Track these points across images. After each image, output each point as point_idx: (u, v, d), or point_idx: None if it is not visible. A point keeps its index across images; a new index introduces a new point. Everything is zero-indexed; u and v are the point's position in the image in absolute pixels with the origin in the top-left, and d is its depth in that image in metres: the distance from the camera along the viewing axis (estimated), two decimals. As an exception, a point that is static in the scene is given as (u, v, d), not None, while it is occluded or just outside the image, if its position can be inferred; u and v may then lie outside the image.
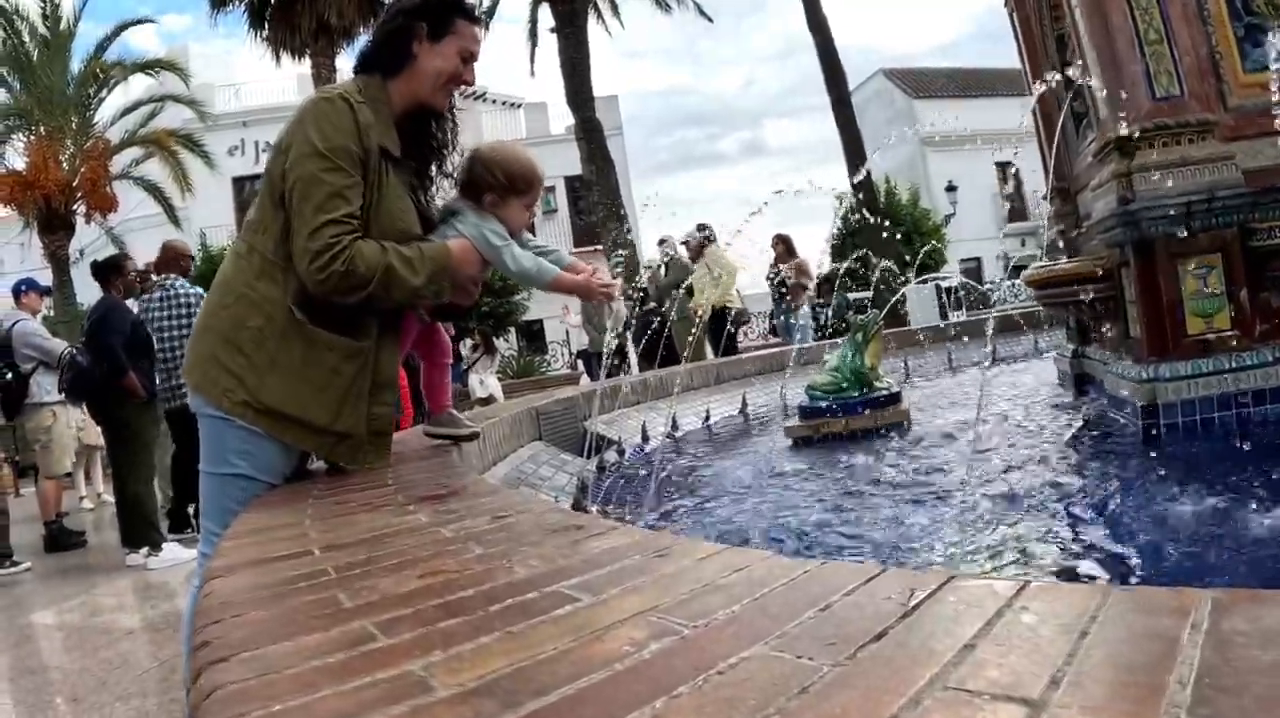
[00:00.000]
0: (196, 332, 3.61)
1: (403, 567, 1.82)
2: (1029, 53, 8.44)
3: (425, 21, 3.55)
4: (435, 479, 3.07)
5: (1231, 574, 3.30)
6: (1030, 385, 9.00)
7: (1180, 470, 4.76)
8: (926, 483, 5.33)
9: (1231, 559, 3.45)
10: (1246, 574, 3.23)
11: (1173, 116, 5.77)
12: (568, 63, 24.51)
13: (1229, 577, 3.29)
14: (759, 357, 11.26)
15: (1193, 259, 5.69)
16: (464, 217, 3.83)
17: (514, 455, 5.71)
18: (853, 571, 1.47)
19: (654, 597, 1.45)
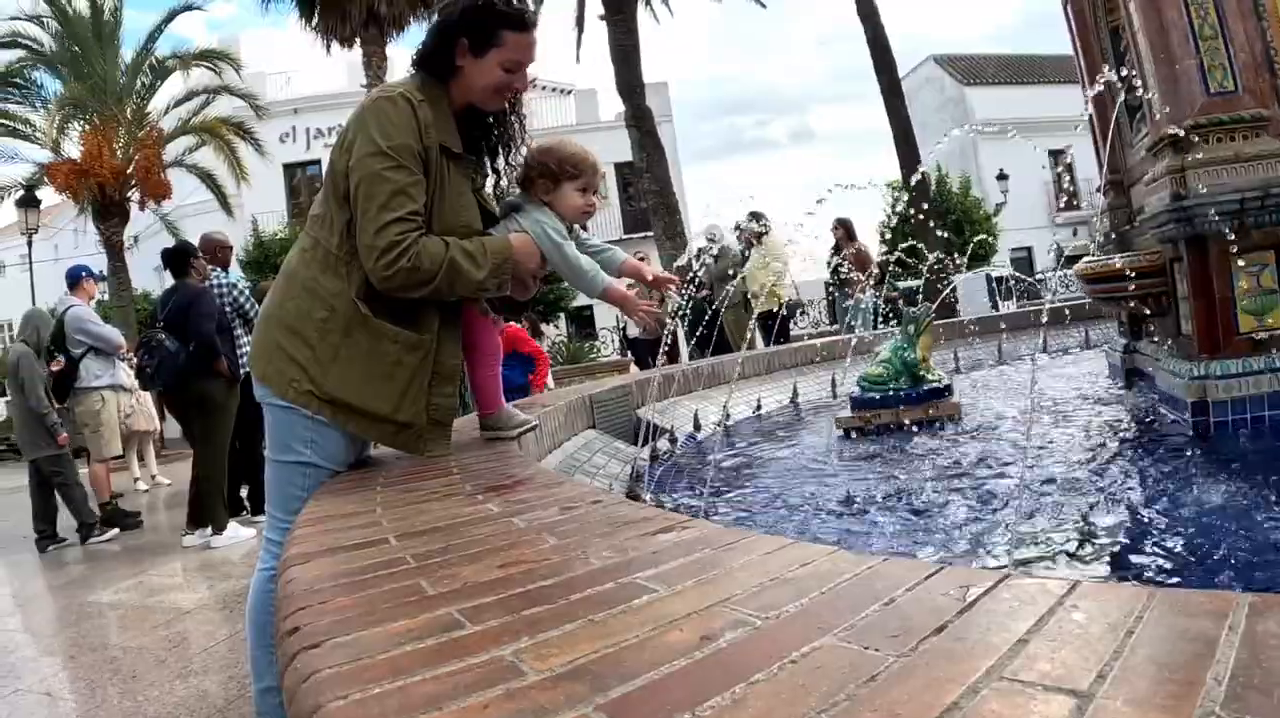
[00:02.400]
0: (261, 322, 3.70)
1: (481, 556, 1.90)
2: (1083, 45, 8.41)
3: (468, 35, 3.60)
4: (500, 469, 3.14)
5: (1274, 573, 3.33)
6: (1081, 379, 8.97)
7: (1229, 469, 4.76)
8: (976, 476, 5.35)
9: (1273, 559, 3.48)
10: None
11: (1227, 112, 5.74)
12: (618, 50, 24.39)
13: (1271, 575, 3.31)
14: (810, 346, 11.26)
15: (1246, 256, 5.67)
16: (525, 212, 3.91)
17: (568, 443, 5.78)
18: (913, 566, 1.54)
19: (726, 589, 1.52)
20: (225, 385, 9.37)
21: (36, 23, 26.65)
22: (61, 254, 39.82)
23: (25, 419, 10.61)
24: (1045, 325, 12.62)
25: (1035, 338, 12.67)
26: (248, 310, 10.15)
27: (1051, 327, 12.59)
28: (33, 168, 27.54)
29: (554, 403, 5.92)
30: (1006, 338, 12.57)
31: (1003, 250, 42.12)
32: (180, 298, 9.39)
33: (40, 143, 27.03)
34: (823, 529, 4.47)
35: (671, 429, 7.44)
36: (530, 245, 3.78)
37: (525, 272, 3.78)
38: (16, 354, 10.70)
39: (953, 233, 36.67)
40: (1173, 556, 3.64)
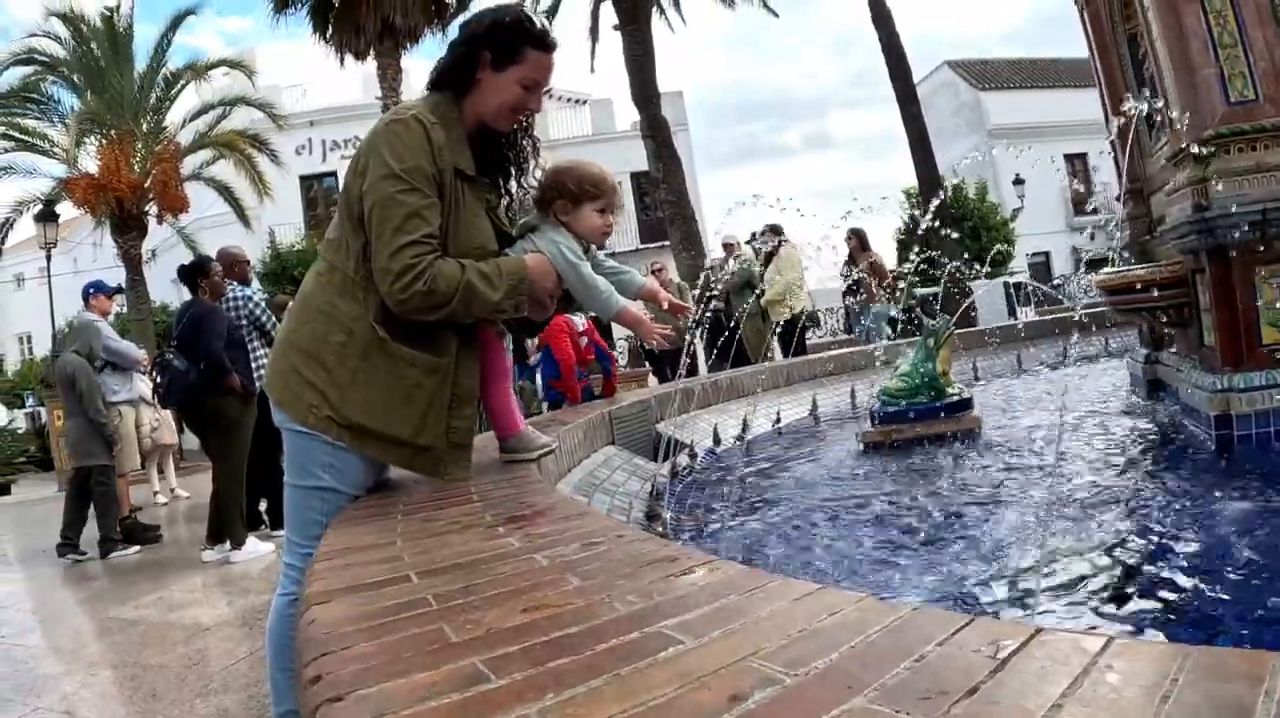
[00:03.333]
0: (279, 347, 3.70)
1: (504, 598, 1.87)
2: (1100, 52, 8.37)
3: (491, 49, 3.61)
4: (520, 498, 3.12)
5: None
6: (1103, 389, 8.94)
7: (1254, 485, 4.73)
8: (998, 497, 5.33)
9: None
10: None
11: (1248, 121, 5.72)
12: (632, 60, 24.44)
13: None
14: (829, 357, 11.24)
15: (1268, 267, 5.64)
16: (541, 232, 3.91)
17: (588, 461, 5.77)
18: (943, 619, 1.51)
19: (753, 641, 1.49)
20: (240, 401, 9.38)
21: (52, 39, 26.80)
22: (80, 267, 40.00)
23: (83, 429, 10.64)
24: (1065, 335, 12.57)
25: (1055, 346, 12.64)
26: (264, 324, 10.18)
27: (1071, 335, 12.55)
28: (51, 182, 27.73)
29: (574, 420, 5.91)
30: (1026, 347, 12.55)
31: (1020, 256, 41.99)
32: (191, 316, 9.42)
33: (58, 157, 27.17)
34: (848, 558, 4.43)
35: (691, 444, 7.43)
36: (546, 265, 3.77)
37: (541, 292, 3.77)
38: (73, 365, 10.72)
39: (970, 239, 36.64)
40: (1199, 577, 3.61)
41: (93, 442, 10.58)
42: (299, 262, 32.80)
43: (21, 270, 45.59)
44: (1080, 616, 3.30)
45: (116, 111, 26.59)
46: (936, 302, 14.99)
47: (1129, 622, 3.22)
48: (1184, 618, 3.22)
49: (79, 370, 10.61)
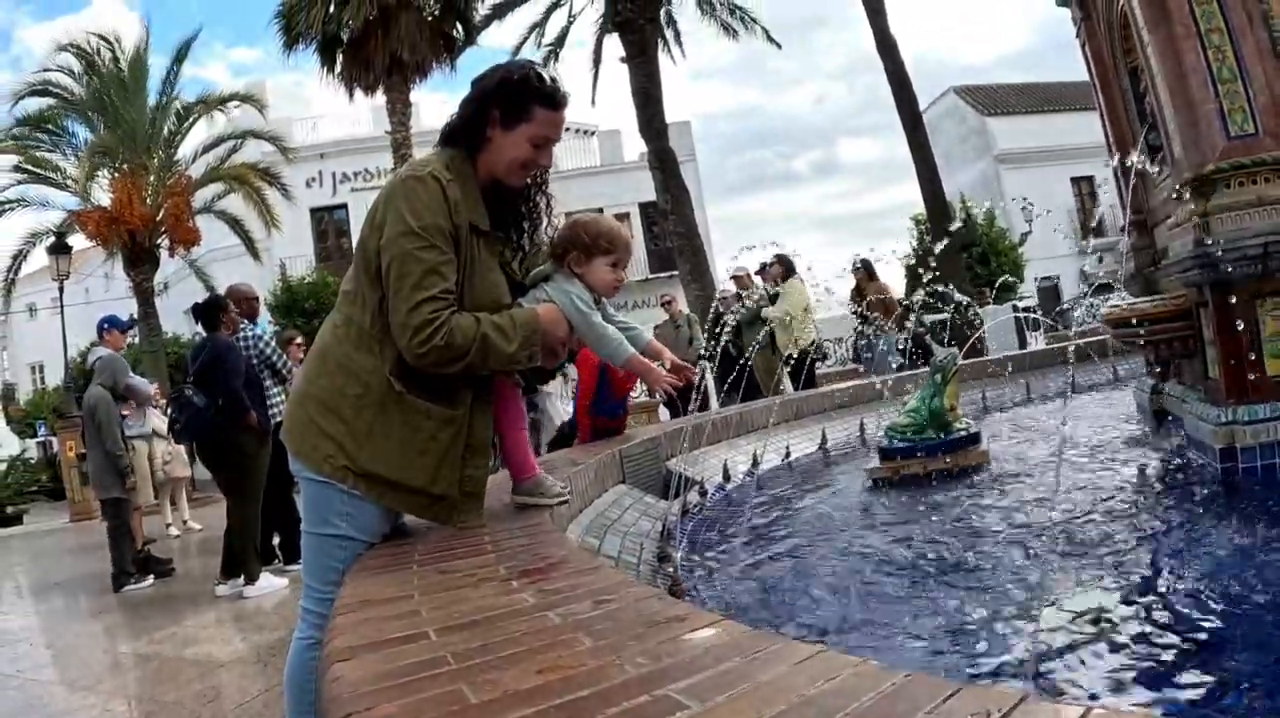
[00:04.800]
0: (295, 397, 3.77)
1: (520, 658, 1.94)
2: (1102, 84, 8.43)
3: (500, 107, 3.69)
4: (532, 547, 3.18)
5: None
6: (1110, 419, 8.95)
7: (1260, 519, 4.75)
8: (1001, 530, 5.37)
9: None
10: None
11: (1248, 155, 5.75)
12: (639, 92, 24.58)
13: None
14: (838, 390, 11.28)
15: (1271, 299, 5.67)
16: (554, 282, 4.00)
17: (599, 501, 5.80)
18: (934, 686, 1.57)
19: (755, 706, 1.56)
20: (255, 438, 9.44)
21: (66, 72, 27.02)
22: (92, 297, 40.18)
23: (101, 461, 10.78)
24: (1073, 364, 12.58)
25: (1064, 375, 12.64)
26: (275, 362, 10.28)
27: (1079, 363, 12.57)
28: (63, 214, 27.94)
29: (585, 460, 5.95)
30: (1035, 375, 12.56)
31: (1029, 280, 42.00)
32: (209, 353, 9.49)
33: (71, 189, 27.38)
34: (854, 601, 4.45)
35: (701, 482, 7.46)
36: (556, 314, 3.85)
37: (554, 340, 3.85)
38: (95, 398, 10.89)
39: (979, 265, 36.67)
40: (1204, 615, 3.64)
41: (109, 474, 10.69)
42: (309, 294, 32.93)
43: (34, 300, 45.74)
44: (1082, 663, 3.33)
45: (129, 144, 26.81)
46: (945, 329, 15.04)
47: (1132, 669, 3.25)
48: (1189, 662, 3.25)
49: (100, 403, 10.76)
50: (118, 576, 10.44)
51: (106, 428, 10.67)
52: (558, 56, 28.85)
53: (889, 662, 3.32)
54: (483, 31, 28.07)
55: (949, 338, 14.44)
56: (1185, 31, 5.92)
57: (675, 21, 29.99)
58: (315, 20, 24.35)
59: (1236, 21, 5.87)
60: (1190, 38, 5.90)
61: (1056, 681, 3.16)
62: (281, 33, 25.41)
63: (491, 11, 27.80)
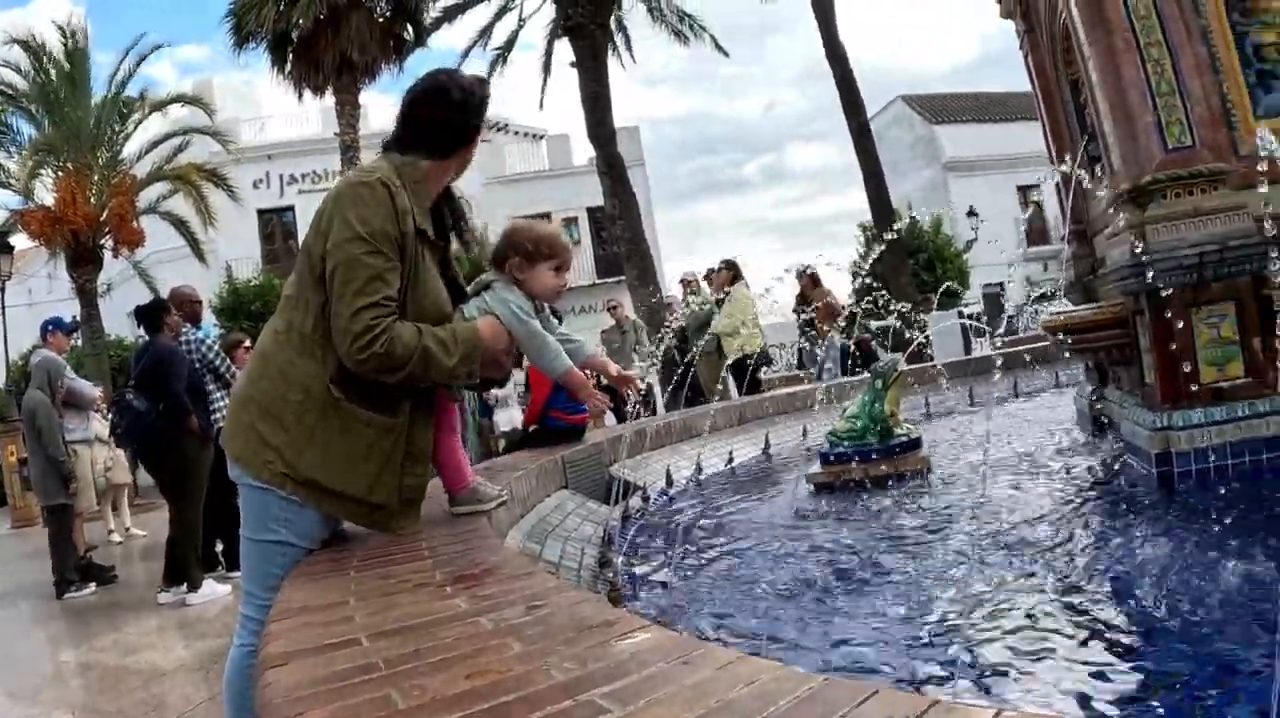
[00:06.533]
0: (236, 402, 3.76)
1: (449, 664, 1.96)
2: (1044, 96, 8.56)
3: (478, 122, 3.76)
4: (468, 553, 3.20)
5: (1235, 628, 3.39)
6: (1051, 425, 9.05)
7: (1191, 522, 4.83)
8: (938, 535, 5.43)
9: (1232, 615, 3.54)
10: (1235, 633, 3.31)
11: (1185, 167, 5.86)
12: (589, 98, 24.54)
13: (1230, 634, 3.38)
14: (781, 396, 11.33)
15: (1206, 308, 5.78)
16: (494, 290, 4.01)
17: (541, 506, 5.81)
18: (851, 689, 1.61)
19: (676, 711, 1.59)
20: (198, 443, 9.36)
21: (12, 68, 26.64)
22: (35, 298, 39.52)
23: (44, 467, 10.68)
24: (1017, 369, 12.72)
25: (1007, 380, 12.78)
26: (218, 366, 10.17)
27: (1021, 369, 12.70)
28: (5, 213, 27.55)
29: (527, 465, 5.96)
30: (978, 381, 12.67)
31: (975, 287, 42.26)
32: (151, 356, 9.39)
33: (13, 188, 27.00)
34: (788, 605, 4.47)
35: (644, 487, 7.48)
36: (498, 328, 3.88)
37: (496, 353, 3.89)
38: (34, 403, 10.77)
39: (924, 271, 36.92)
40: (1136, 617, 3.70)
41: (51, 480, 10.57)
42: (256, 296, 32.53)
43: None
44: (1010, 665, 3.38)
45: (73, 143, 26.42)
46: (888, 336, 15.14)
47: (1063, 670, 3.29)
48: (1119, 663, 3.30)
49: (40, 408, 10.63)
50: (59, 583, 10.31)
51: (48, 433, 10.56)
52: (507, 60, 28.81)
53: (818, 665, 3.38)
54: (433, 33, 28.01)
55: (892, 344, 14.52)
56: (1125, 45, 6.01)
57: (626, 27, 30.04)
58: (266, 19, 24.18)
59: (1176, 36, 5.98)
60: (1130, 51, 6.00)
61: (984, 683, 3.20)
62: (232, 31, 25.25)
63: (442, 14, 27.72)
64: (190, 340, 10.07)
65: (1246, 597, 3.71)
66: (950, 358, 16.76)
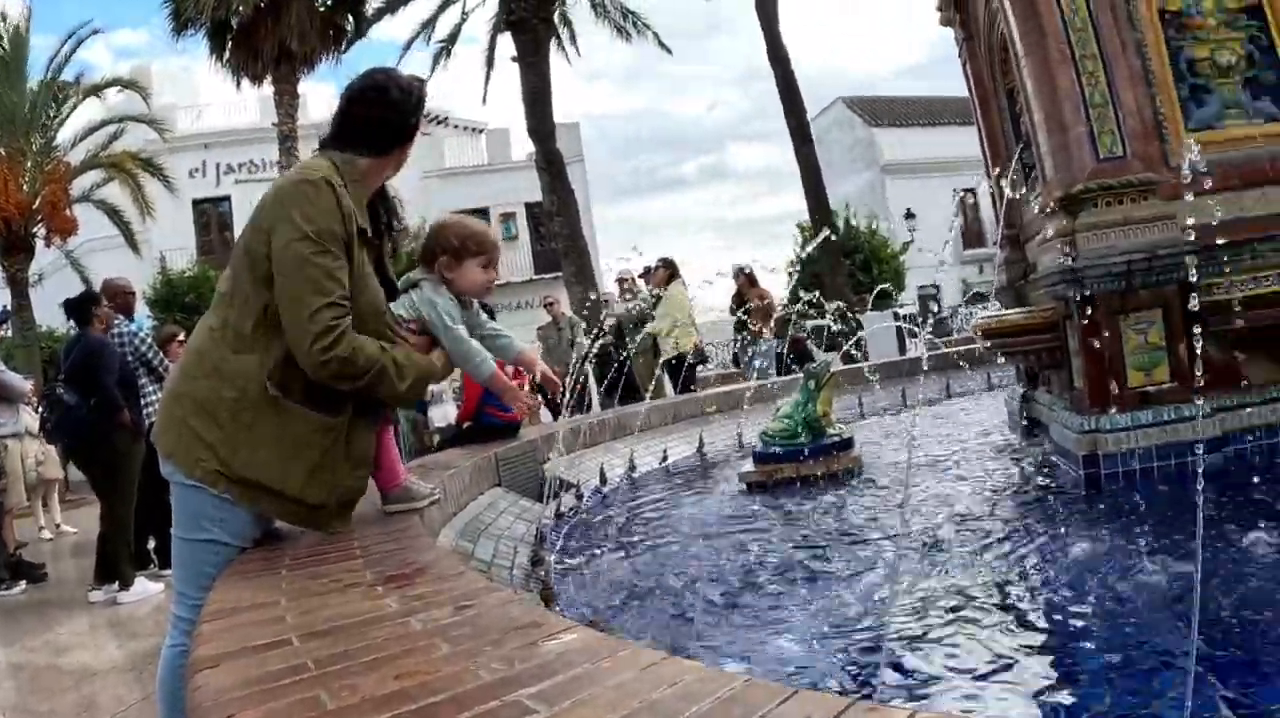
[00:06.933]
0: (169, 398, 3.70)
1: (379, 664, 1.98)
2: (981, 103, 8.66)
3: (417, 121, 3.75)
4: (400, 552, 3.22)
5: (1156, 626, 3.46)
6: (982, 426, 9.15)
7: (1115, 522, 4.91)
8: (866, 535, 5.51)
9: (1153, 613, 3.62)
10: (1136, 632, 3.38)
11: (1115, 177, 5.97)
12: (530, 93, 24.46)
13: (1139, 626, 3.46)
14: (716, 394, 11.38)
15: (1134, 314, 5.90)
16: (422, 290, 4.01)
17: (474, 504, 5.81)
18: (769, 691, 1.65)
19: (600, 712, 1.62)
20: (129, 438, 9.23)
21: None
22: (-37, 288, 38.96)
23: None
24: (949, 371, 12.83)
25: (940, 382, 12.90)
26: (151, 360, 10.01)
27: (954, 370, 12.83)
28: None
29: (460, 464, 5.95)
30: (911, 382, 12.78)
31: (910, 288, 42.59)
32: (82, 349, 9.25)
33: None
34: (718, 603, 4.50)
35: (578, 485, 7.50)
36: (446, 362, 3.93)
37: (436, 379, 3.92)
38: None
39: (861, 272, 37.15)
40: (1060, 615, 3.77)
41: (-29, 477, 10.40)
42: (190, 288, 32.08)
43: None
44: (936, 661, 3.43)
45: (7, 128, 26.02)
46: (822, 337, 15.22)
47: (986, 666, 3.34)
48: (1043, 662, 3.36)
49: None
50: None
51: None
52: (450, 53, 28.63)
53: (745, 665, 3.41)
54: (374, 25, 27.83)
55: (826, 344, 14.61)
56: (1060, 56, 6.12)
57: (571, 23, 29.96)
58: (205, 6, 23.84)
59: (1110, 49, 6.09)
60: (1065, 62, 6.10)
61: (908, 683, 3.24)
62: (170, 17, 24.88)
63: (384, 4, 27.49)
64: (123, 333, 9.92)
65: (1166, 596, 3.79)
66: (885, 358, 16.89)
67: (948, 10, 8.95)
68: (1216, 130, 6.23)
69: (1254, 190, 6.04)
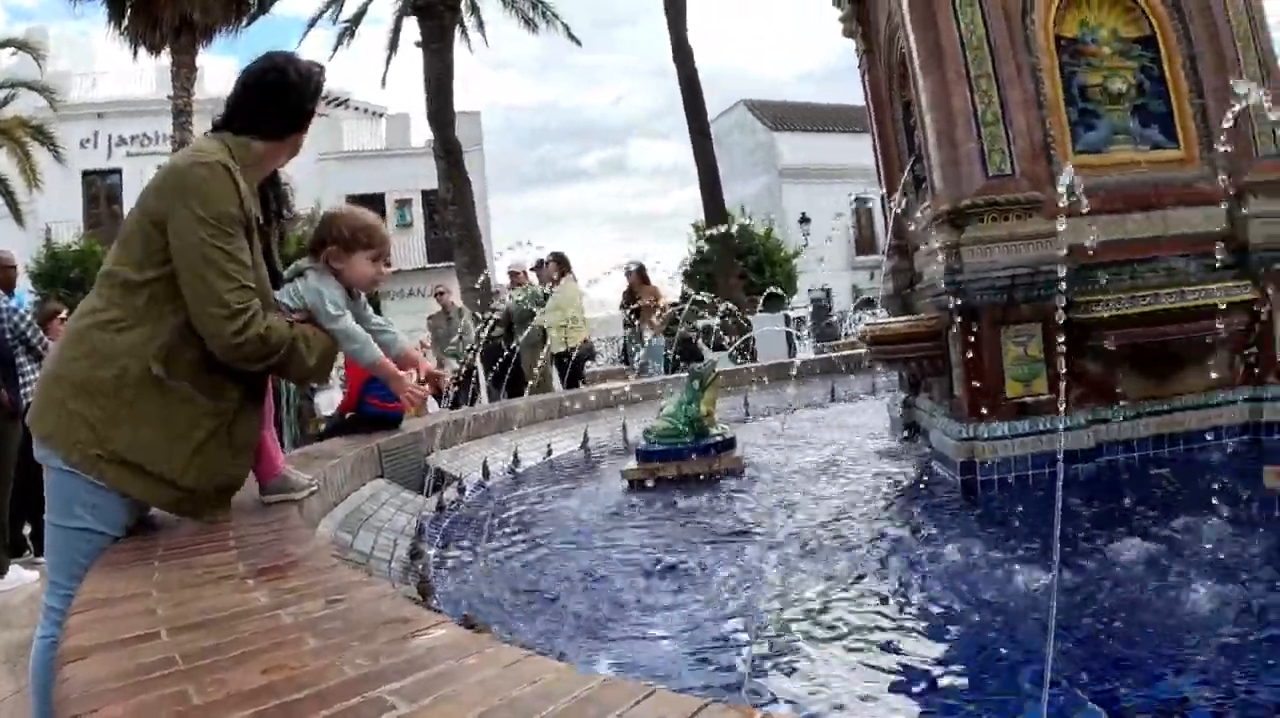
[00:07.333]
0: (47, 379, 3.62)
1: (247, 658, 1.98)
2: (877, 113, 8.81)
3: (313, 107, 3.73)
4: (276, 543, 3.20)
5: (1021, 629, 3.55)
6: (863, 430, 9.28)
7: (990, 528, 5.02)
8: (743, 535, 5.56)
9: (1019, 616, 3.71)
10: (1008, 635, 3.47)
11: (1002, 194, 6.14)
12: (433, 79, 24.22)
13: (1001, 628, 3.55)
14: (603, 390, 11.40)
15: (1015, 327, 6.06)
16: (307, 279, 3.98)
17: (355, 495, 5.77)
18: (629, 690, 1.70)
19: (459, 709, 1.65)
20: (6, 418, 8.99)
21: None
22: None
23: None
24: (836, 374, 12.99)
25: (826, 385, 13.05)
26: (30, 338, 9.74)
27: (840, 374, 13.02)
28: None
29: (342, 454, 5.91)
30: (798, 384, 12.90)
31: (802, 291, 42.94)
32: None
33: None
34: (592, 600, 4.53)
35: (460, 478, 7.47)
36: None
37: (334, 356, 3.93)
38: None
39: (753, 273, 37.38)
40: (930, 620, 3.85)
41: None
42: (75, 263, 31.21)
43: None
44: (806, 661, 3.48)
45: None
46: (710, 335, 15.34)
47: (853, 666, 3.40)
48: (912, 666, 3.42)
49: None
50: None
51: None
52: (354, 34, 28.34)
53: (611, 664, 3.44)
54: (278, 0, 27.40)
55: (714, 344, 14.72)
56: (956, 75, 6.27)
57: (479, 10, 29.83)
58: (105, -31, 23.36)
59: (1005, 71, 6.26)
60: (960, 81, 6.26)
61: (771, 685, 3.29)
62: (70, -21, 24.31)
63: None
64: (2, 309, 9.67)
65: (1031, 599, 3.89)
66: (774, 360, 17.04)
67: (850, 22, 9.09)
68: (1103, 154, 6.45)
69: (1137, 214, 6.26)
